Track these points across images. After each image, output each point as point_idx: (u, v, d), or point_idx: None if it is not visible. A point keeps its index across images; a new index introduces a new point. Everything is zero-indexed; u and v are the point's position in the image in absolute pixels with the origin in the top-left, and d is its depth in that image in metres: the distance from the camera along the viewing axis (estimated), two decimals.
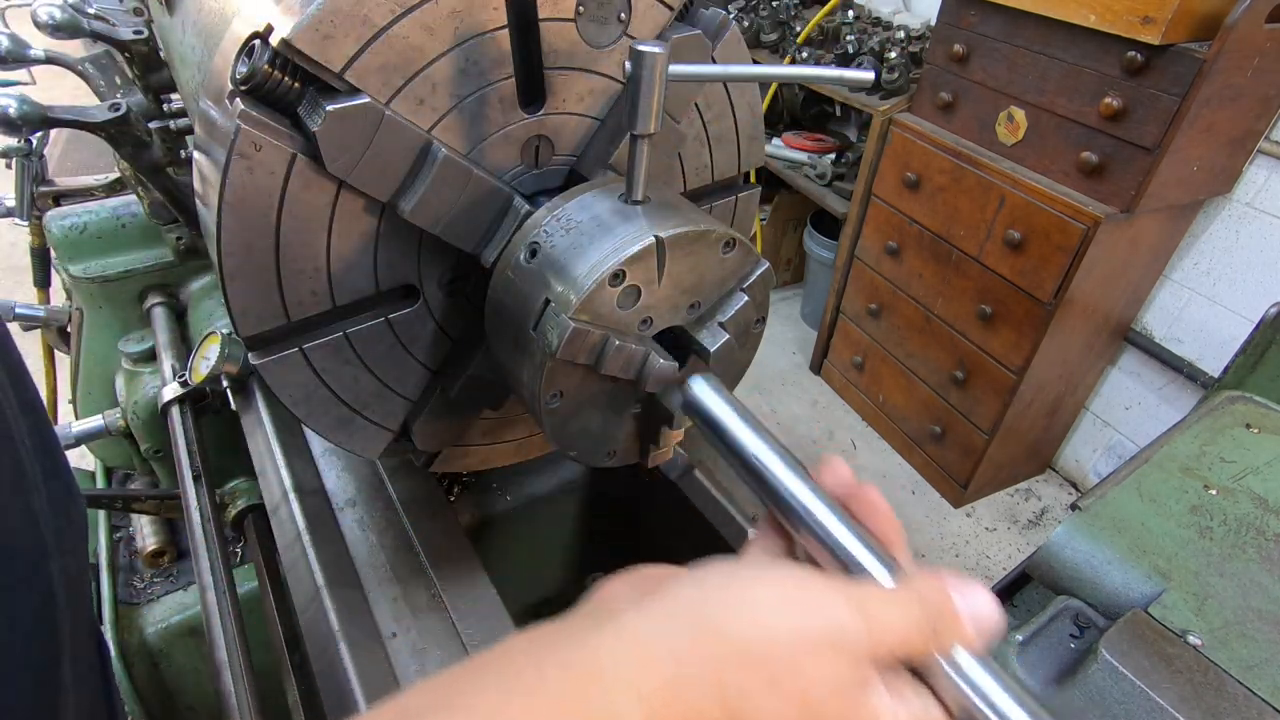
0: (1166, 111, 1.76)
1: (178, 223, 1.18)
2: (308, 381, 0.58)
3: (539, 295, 0.50)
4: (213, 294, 1.33)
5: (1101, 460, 2.64)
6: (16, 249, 3.82)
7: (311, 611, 0.70)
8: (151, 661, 1.15)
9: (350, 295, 0.56)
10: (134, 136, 1.01)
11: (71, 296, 1.38)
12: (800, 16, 3.01)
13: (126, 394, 1.23)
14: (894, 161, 2.47)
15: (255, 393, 0.98)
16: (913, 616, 0.33)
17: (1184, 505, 0.67)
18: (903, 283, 2.58)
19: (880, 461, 2.82)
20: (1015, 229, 2.10)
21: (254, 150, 0.46)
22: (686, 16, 0.61)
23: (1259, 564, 0.61)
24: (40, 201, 1.41)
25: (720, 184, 0.71)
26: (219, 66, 0.51)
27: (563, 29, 0.54)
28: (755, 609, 0.32)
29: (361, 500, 0.83)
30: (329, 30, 0.45)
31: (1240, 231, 2.12)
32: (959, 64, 2.21)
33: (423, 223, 0.53)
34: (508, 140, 0.56)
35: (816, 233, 3.19)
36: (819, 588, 0.33)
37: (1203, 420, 0.76)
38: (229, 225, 0.48)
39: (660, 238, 0.48)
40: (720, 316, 0.56)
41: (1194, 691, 0.52)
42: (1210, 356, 2.24)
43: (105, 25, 1.05)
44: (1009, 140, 2.14)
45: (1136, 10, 1.70)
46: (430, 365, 0.64)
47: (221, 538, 0.89)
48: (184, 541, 1.24)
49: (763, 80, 0.56)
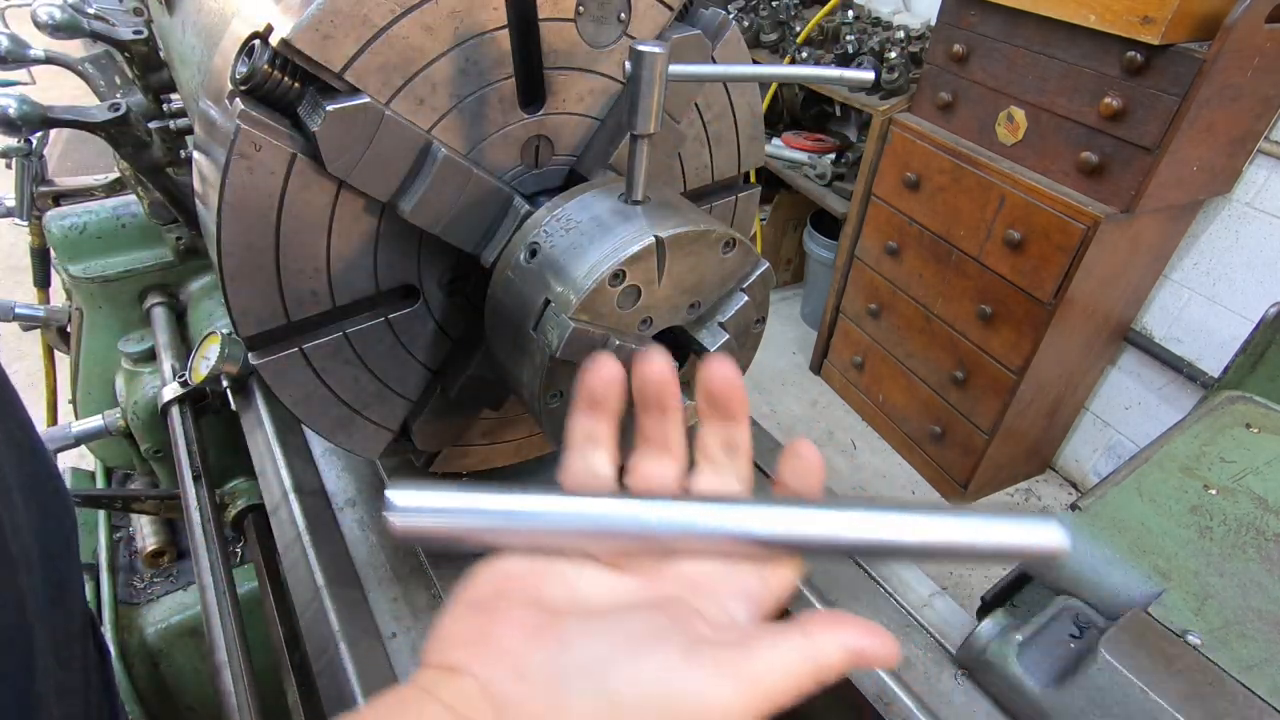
0: (1166, 111, 1.76)
1: (178, 223, 1.18)
2: (308, 381, 0.58)
3: (539, 295, 0.50)
4: (213, 294, 1.33)
5: (1101, 460, 2.64)
6: (16, 249, 3.82)
7: (311, 611, 0.70)
8: (151, 661, 1.15)
9: (350, 295, 0.56)
10: (134, 136, 1.01)
11: (71, 296, 1.38)
12: (800, 16, 3.01)
13: (126, 394, 1.23)
14: (894, 161, 2.47)
15: (255, 393, 0.98)
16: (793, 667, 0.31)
17: (1184, 505, 0.67)
18: (903, 283, 2.58)
19: (880, 461, 2.82)
20: (1015, 229, 2.10)
21: (254, 150, 0.46)
22: (686, 16, 0.61)
23: (1259, 564, 0.61)
24: (40, 201, 1.41)
25: (720, 184, 0.71)
26: (219, 66, 0.51)
27: (563, 29, 0.54)
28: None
29: (361, 500, 0.83)
30: (329, 30, 0.45)
31: (1240, 231, 2.12)
32: (959, 64, 2.21)
33: (423, 223, 0.53)
34: (508, 140, 0.56)
35: (816, 233, 3.19)
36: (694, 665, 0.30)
37: (1203, 420, 0.76)
38: (229, 225, 0.48)
39: (660, 238, 0.48)
40: (720, 316, 0.56)
41: (1194, 691, 0.52)
42: (1210, 356, 2.24)
43: (105, 25, 1.05)
44: (1009, 140, 2.14)
45: (1136, 10, 1.70)
46: (430, 365, 0.64)
47: (221, 538, 0.89)
48: (184, 541, 1.24)
49: (763, 80, 0.56)
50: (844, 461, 2.81)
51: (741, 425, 0.41)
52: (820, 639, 0.32)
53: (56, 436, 1.21)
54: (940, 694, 0.65)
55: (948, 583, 2.40)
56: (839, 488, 2.67)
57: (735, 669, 0.30)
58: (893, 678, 0.65)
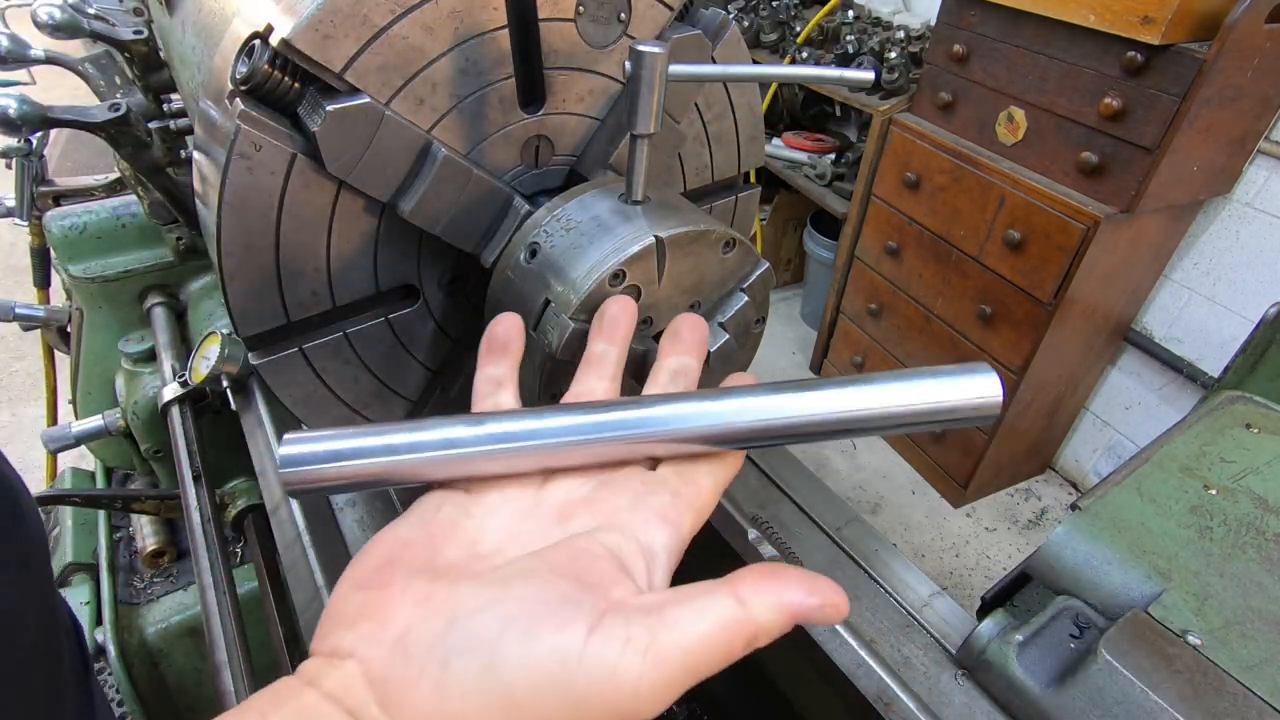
0: (1166, 111, 1.76)
1: (178, 223, 1.18)
2: (308, 381, 0.58)
3: (539, 295, 0.50)
4: (213, 294, 1.33)
5: (1101, 460, 2.64)
6: (16, 249, 3.82)
7: (311, 611, 0.70)
8: (151, 661, 1.15)
9: (350, 295, 0.56)
10: (134, 136, 1.01)
11: (71, 296, 1.38)
12: (800, 16, 3.01)
13: (126, 394, 1.23)
14: (894, 161, 2.47)
15: (255, 393, 0.98)
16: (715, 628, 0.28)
17: (1184, 505, 0.67)
18: (903, 283, 2.58)
19: (880, 461, 2.82)
20: (1015, 229, 2.10)
21: (254, 150, 0.46)
22: (686, 16, 0.61)
23: (1259, 564, 0.61)
24: (40, 201, 1.41)
25: (720, 184, 0.71)
26: (219, 66, 0.51)
27: (563, 29, 0.54)
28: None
29: (361, 500, 0.83)
30: (329, 30, 0.45)
31: (1240, 231, 2.12)
32: (959, 64, 2.21)
33: (423, 223, 0.53)
34: (508, 140, 0.56)
35: (816, 233, 3.19)
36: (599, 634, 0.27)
37: (1203, 420, 0.76)
38: (229, 225, 0.48)
39: (660, 238, 0.48)
40: (720, 316, 0.56)
41: (1194, 691, 0.52)
42: (1210, 356, 2.24)
43: (105, 25, 1.05)
44: (1009, 140, 2.14)
45: (1136, 10, 1.70)
46: (430, 365, 0.64)
47: (221, 538, 0.89)
48: (184, 541, 1.24)
49: (763, 80, 0.56)
50: (844, 461, 2.81)
51: (694, 358, 0.42)
52: (753, 601, 0.28)
53: (56, 436, 1.21)
54: (940, 694, 0.65)
55: (948, 583, 2.40)
56: (838, 488, 2.67)
57: (649, 641, 0.27)
58: (893, 678, 0.65)
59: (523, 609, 0.27)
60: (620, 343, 0.43)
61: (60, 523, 1.31)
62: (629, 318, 0.44)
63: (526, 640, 0.26)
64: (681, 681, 0.27)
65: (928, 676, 0.67)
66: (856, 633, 0.68)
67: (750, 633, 0.28)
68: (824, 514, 0.82)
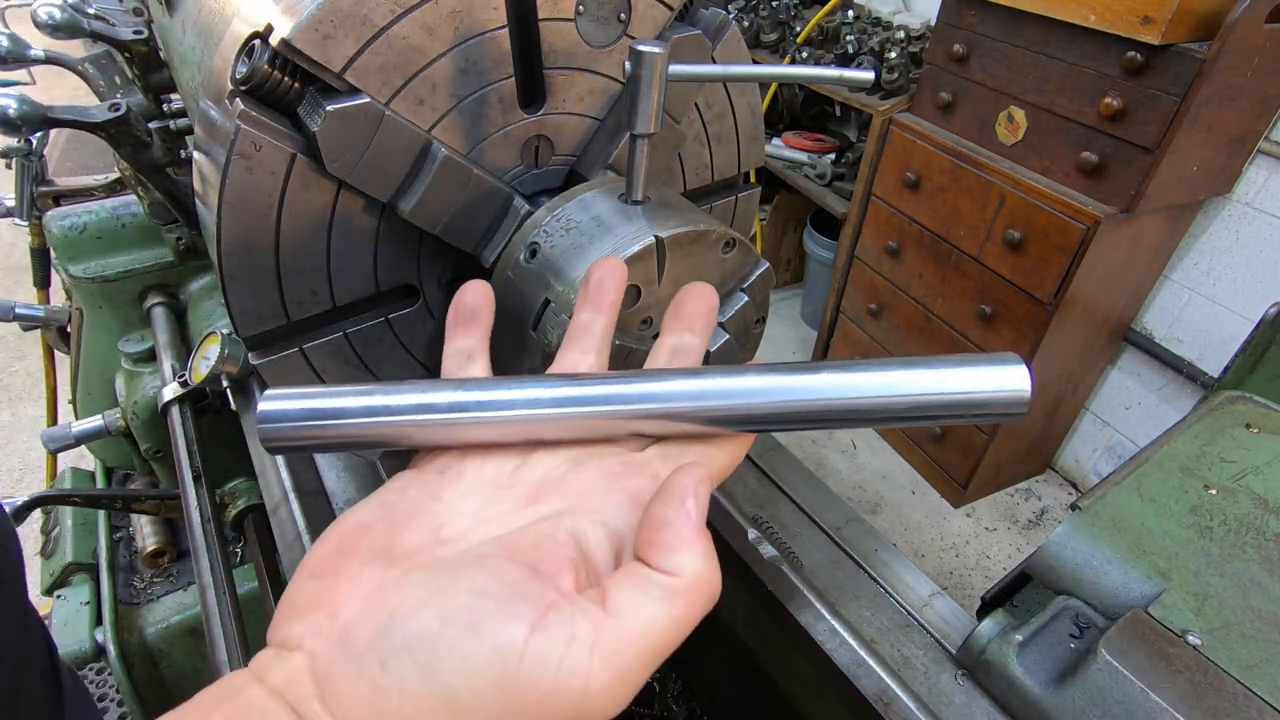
0: (1166, 111, 1.76)
1: (178, 223, 1.18)
2: (308, 381, 0.58)
3: (539, 295, 0.50)
4: (213, 294, 1.33)
5: (1101, 460, 2.64)
6: (16, 249, 3.82)
7: None
8: (151, 661, 1.15)
9: (350, 295, 0.56)
10: (134, 136, 1.01)
11: (71, 296, 1.38)
12: (800, 16, 3.01)
13: (126, 394, 1.23)
14: (894, 161, 2.47)
15: (255, 393, 0.98)
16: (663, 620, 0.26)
17: (1184, 505, 0.67)
18: (903, 283, 2.58)
19: (880, 461, 2.82)
20: (1015, 229, 2.10)
21: (254, 150, 0.46)
22: (686, 16, 0.61)
23: (1259, 564, 0.61)
24: (40, 201, 1.41)
25: (720, 184, 0.71)
26: (219, 66, 0.51)
27: (563, 29, 0.54)
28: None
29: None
30: (329, 30, 0.45)
31: (1240, 231, 2.12)
32: (959, 64, 2.21)
33: (423, 223, 0.53)
34: (508, 140, 0.56)
35: (816, 233, 3.19)
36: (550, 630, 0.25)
37: (1203, 420, 0.76)
38: (229, 225, 0.48)
39: (660, 237, 0.48)
40: (720, 316, 0.56)
41: (1194, 691, 0.52)
42: (1210, 356, 2.24)
43: (105, 25, 1.05)
44: (1009, 140, 2.14)
45: (1136, 10, 1.70)
46: (430, 365, 0.64)
47: (221, 538, 0.89)
48: (184, 541, 1.24)
49: (763, 80, 0.56)
50: (844, 461, 2.81)
51: (698, 337, 0.40)
52: (684, 562, 0.27)
53: (56, 436, 1.21)
54: (940, 694, 0.65)
55: (948, 583, 2.40)
56: (839, 488, 2.67)
57: (595, 636, 0.25)
58: (893, 678, 0.65)
59: (466, 603, 0.26)
60: (608, 309, 0.40)
61: (60, 523, 1.31)
62: (618, 281, 0.41)
63: (466, 640, 0.25)
64: (638, 674, 0.25)
65: (928, 676, 0.67)
66: (856, 632, 0.68)
67: (707, 594, 0.27)
68: (824, 514, 0.82)
